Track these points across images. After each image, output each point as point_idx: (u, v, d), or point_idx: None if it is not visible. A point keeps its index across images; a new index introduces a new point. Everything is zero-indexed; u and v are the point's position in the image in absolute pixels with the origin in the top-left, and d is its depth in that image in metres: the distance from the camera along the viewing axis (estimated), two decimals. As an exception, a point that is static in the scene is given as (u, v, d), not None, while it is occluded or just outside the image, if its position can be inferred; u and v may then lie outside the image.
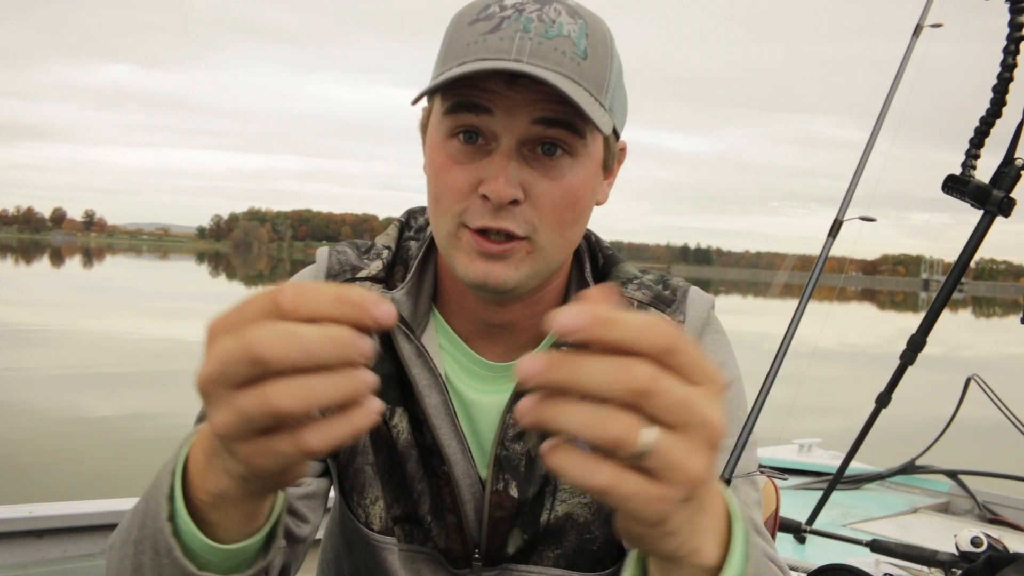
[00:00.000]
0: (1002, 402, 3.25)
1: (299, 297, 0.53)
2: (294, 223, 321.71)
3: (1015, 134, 2.47)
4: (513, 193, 0.93)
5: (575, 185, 0.97)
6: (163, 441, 7.74)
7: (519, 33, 0.92)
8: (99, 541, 2.23)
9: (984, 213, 2.49)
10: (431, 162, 1.00)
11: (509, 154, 0.94)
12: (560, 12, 0.95)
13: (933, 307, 2.72)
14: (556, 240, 0.98)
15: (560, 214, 0.97)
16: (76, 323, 17.28)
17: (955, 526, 3.21)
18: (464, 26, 0.96)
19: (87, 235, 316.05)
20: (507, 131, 0.94)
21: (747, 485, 1.09)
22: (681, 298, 1.13)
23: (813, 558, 2.60)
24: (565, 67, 0.91)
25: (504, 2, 0.96)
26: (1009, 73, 2.41)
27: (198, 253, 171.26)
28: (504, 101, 0.93)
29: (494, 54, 0.91)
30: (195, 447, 0.68)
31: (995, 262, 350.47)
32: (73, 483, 6.14)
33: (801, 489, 3.75)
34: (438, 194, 0.99)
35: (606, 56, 0.97)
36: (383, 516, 1.07)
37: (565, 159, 0.96)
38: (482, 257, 0.96)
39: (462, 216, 0.96)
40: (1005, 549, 2.03)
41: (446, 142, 0.97)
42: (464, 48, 0.94)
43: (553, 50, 0.92)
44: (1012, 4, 2.35)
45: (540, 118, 0.93)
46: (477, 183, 0.95)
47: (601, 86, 0.95)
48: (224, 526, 0.67)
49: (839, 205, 1.55)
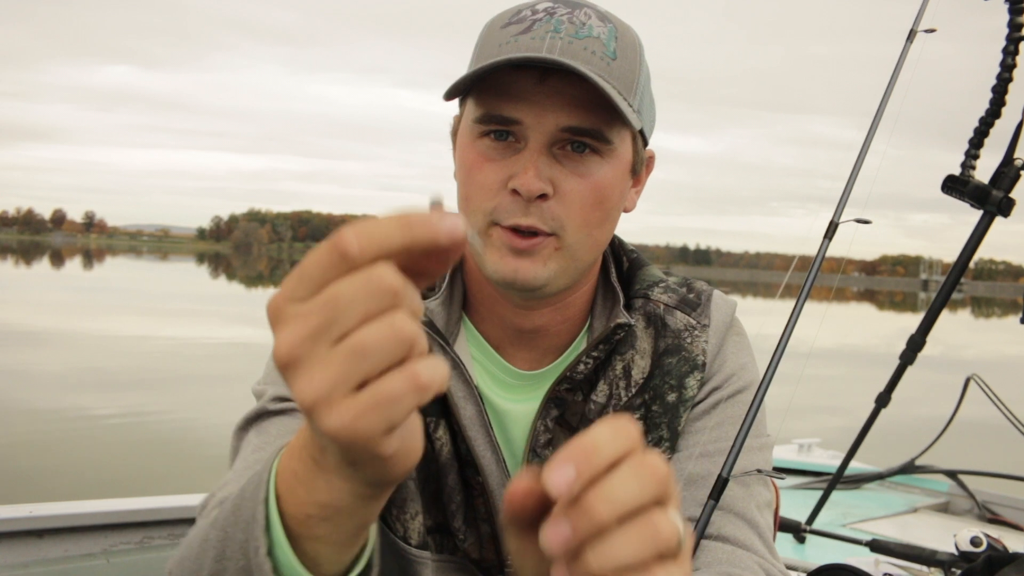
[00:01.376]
0: (1002, 402, 3.25)
1: (363, 239, 0.49)
2: (294, 224, 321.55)
3: (1014, 134, 2.48)
4: (542, 187, 0.94)
5: (603, 183, 0.98)
6: (163, 442, 7.76)
7: (550, 33, 0.94)
8: (100, 541, 2.23)
9: (983, 213, 2.49)
10: (462, 162, 1.01)
11: (539, 150, 0.95)
12: (590, 16, 0.97)
13: (932, 307, 2.73)
14: (583, 239, 0.99)
15: (588, 212, 0.98)
16: (76, 324, 17.28)
17: (955, 526, 3.21)
18: (496, 30, 0.98)
19: (87, 236, 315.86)
20: (536, 132, 0.95)
21: (760, 485, 1.10)
22: (706, 302, 1.15)
23: (813, 558, 2.60)
24: (595, 66, 0.93)
25: (536, 6, 0.98)
26: (1008, 73, 2.41)
27: (198, 254, 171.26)
28: (532, 107, 0.94)
29: (526, 51, 0.93)
30: (284, 467, 0.61)
31: (994, 262, 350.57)
32: (73, 483, 6.14)
33: (801, 489, 3.75)
34: (469, 192, 0.99)
35: (635, 60, 0.98)
36: (421, 531, 1.07)
37: (594, 158, 0.97)
38: (512, 253, 0.97)
39: (493, 214, 0.97)
40: (1005, 549, 2.03)
41: (476, 141, 0.98)
42: (496, 48, 0.96)
43: (583, 49, 0.93)
44: (1011, 4, 2.36)
45: (567, 127, 0.95)
46: (507, 179, 0.96)
47: (630, 87, 0.97)
48: (326, 553, 0.61)
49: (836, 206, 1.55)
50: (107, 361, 12.45)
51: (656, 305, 1.11)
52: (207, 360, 13.20)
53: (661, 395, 1.09)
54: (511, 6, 1.03)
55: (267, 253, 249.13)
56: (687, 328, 1.11)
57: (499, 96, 0.95)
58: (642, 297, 1.12)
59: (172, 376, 11.29)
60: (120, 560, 2.22)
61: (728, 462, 1.09)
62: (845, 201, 1.53)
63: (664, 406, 1.09)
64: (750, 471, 1.10)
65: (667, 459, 1.11)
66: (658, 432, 1.09)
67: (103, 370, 11.53)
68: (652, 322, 1.11)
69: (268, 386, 1.06)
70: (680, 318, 1.11)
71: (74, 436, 7.64)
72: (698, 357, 1.10)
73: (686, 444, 1.11)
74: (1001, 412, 3.24)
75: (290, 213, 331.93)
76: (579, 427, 1.08)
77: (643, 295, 1.12)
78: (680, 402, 1.09)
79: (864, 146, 1.55)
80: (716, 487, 1.08)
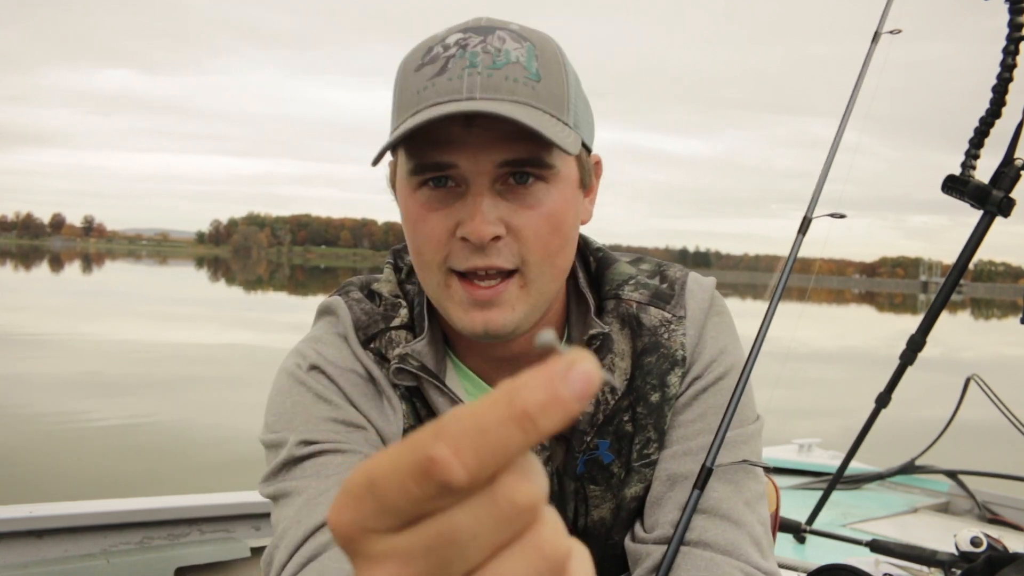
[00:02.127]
0: (1002, 402, 3.25)
1: (471, 461, 0.31)
2: (293, 228, 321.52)
3: (1015, 134, 2.48)
4: (493, 230, 0.92)
5: (554, 209, 0.95)
6: (162, 444, 7.75)
7: (467, 70, 0.90)
8: (99, 541, 2.23)
9: (984, 213, 2.49)
10: (406, 215, 0.98)
11: (481, 192, 0.92)
12: (504, 39, 0.93)
13: (933, 308, 2.73)
14: (546, 270, 0.97)
15: (546, 242, 0.95)
16: (75, 328, 17.27)
17: (955, 526, 3.20)
18: (411, 73, 0.94)
19: (86, 240, 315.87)
20: (475, 174, 0.92)
21: (748, 478, 1.08)
22: (680, 291, 1.12)
23: (813, 558, 2.60)
24: (520, 94, 0.90)
25: (446, 41, 0.94)
26: (1008, 73, 2.42)
27: (197, 258, 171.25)
28: (466, 148, 0.91)
29: (446, 96, 0.90)
30: None
31: (993, 263, 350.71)
32: (73, 484, 6.13)
33: (801, 489, 3.74)
34: (419, 246, 0.97)
35: (560, 73, 0.95)
36: None
37: (539, 185, 0.94)
38: (476, 306, 0.95)
39: (447, 262, 0.95)
40: (1005, 549, 2.03)
41: (416, 192, 0.95)
42: (415, 96, 0.92)
43: (504, 79, 0.90)
44: (1011, 4, 2.36)
45: (504, 161, 0.92)
46: (455, 226, 0.94)
47: (561, 105, 0.94)
48: None
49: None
50: (106, 364, 12.44)
51: (628, 305, 1.09)
52: (206, 363, 13.19)
53: (644, 396, 1.07)
54: (422, 41, 0.98)
55: (266, 257, 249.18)
56: (663, 323, 1.08)
57: (428, 144, 0.92)
58: (613, 298, 1.09)
59: (171, 379, 11.28)
60: (120, 560, 2.22)
61: (712, 450, 1.06)
62: (817, 197, 1.53)
63: (648, 407, 1.07)
64: (736, 462, 1.08)
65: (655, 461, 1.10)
66: (645, 434, 1.08)
67: (102, 373, 11.52)
68: (627, 323, 1.09)
69: (283, 432, 1.03)
70: (654, 314, 1.09)
71: (73, 438, 7.64)
72: (677, 352, 1.08)
73: (669, 440, 1.09)
74: (1001, 412, 3.24)
75: (289, 217, 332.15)
76: (572, 437, 1.07)
77: (614, 296, 1.10)
78: (664, 401, 1.08)
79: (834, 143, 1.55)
80: (700, 476, 1.05)
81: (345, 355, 1.06)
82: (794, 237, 1.51)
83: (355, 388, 1.05)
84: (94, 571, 2.17)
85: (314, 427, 1.02)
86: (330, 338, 1.08)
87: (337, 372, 1.05)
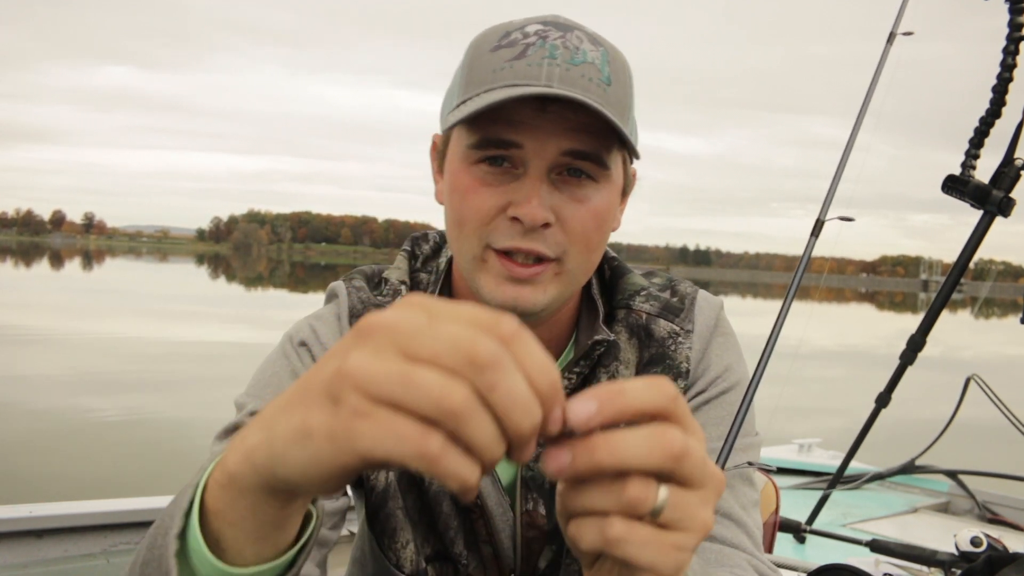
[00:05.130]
0: (1002, 402, 3.25)
1: (523, 338, 0.50)
2: (293, 225, 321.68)
3: (1015, 134, 2.48)
4: (546, 216, 0.94)
5: (600, 208, 0.98)
6: (163, 442, 7.73)
7: (546, 59, 0.92)
8: (99, 541, 2.24)
9: (984, 213, 2.49)
10: (454, 186, 0.99)
11: (540, 177, 0.94)
12: (582, 39, 0.95)
13: (933, 307, 2.73)
14: (583, 263, 0.99)
15: (588, 237, 0.97)
16: (75, 325, 17.28)
17: (955, 526, 3.21)
18: (486, 52, 0.95)
19: (86, 237, 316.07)
20: (537, 158, 0.94)
21: (745, 485, 1.09)
22: (689, 306, 1.13)
23: (813, 558, 2.60)
24: (593, 93, 0.91)
25: (525, 29, 0.96)
26: (1009, 73, 2.42)
27: (197, 255, 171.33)
28: (535, 132, 0.93)
29: (524, 80, 0.91)
30: (231, 442, 0.60)
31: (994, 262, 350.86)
32: (73, 484, 6.14)
33: (801, 489, 3.75)
34: (462, 216, 0.97)
35: (627, 83, 0.98)
36: (414, 559, 1.07)
37: (591, 184, 0.97)
38: (510, 281, 0.96)
39: (488, 238, 0.96)
40: (1005, 549, 2.03)
41: (472, 167, 0.96)
42: (490, 74, 0.93)
43: (581, 76, 0.92)
44: (1012, 4, 2.36)
45: (569, 150, 0.94)
46: (505, 205, 0.95)
47: (624, 113, 0.96)
48: (228, 523, 0.59)
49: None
50: (106, 362, 12.45)
51: (638, 315, 1.11)
52: (206, 361, 13.20)
53: None
54: (496, 25, 1.00)
55: (266, 254, 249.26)
56: (671, 335, 1.10)
57: (498, 121, 0.93)
58: (624, 308, 1.11)
59: (171, 377, 11.29)
60: (120, 560, 2.22)
61: (722, 455, 1.08)
62: (830, 200, 1.54)
63: None
64: (740, 464, 1.09)
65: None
66: None
67: (102, 371, 11.53)
68: (635, 333, 1.10)
69: (249, 400, 1.05)
70: (663, 326, 1.11)
71: (73, 437, 7.64)
72: (681, 364, 1.09)
73: None
74: (1001, 412, 3.24)
75: (289, 214, 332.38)
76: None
77: (625, 305, 1.11)
78: None
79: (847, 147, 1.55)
80: None
81: (335, 337, 1.08)
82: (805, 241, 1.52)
83: None
84: (94, 571, 2.18)
85: None
86: (329, 318, 1.10)
87: (322, 352, 1.06)
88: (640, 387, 0.53)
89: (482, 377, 0.47)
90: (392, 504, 1.07)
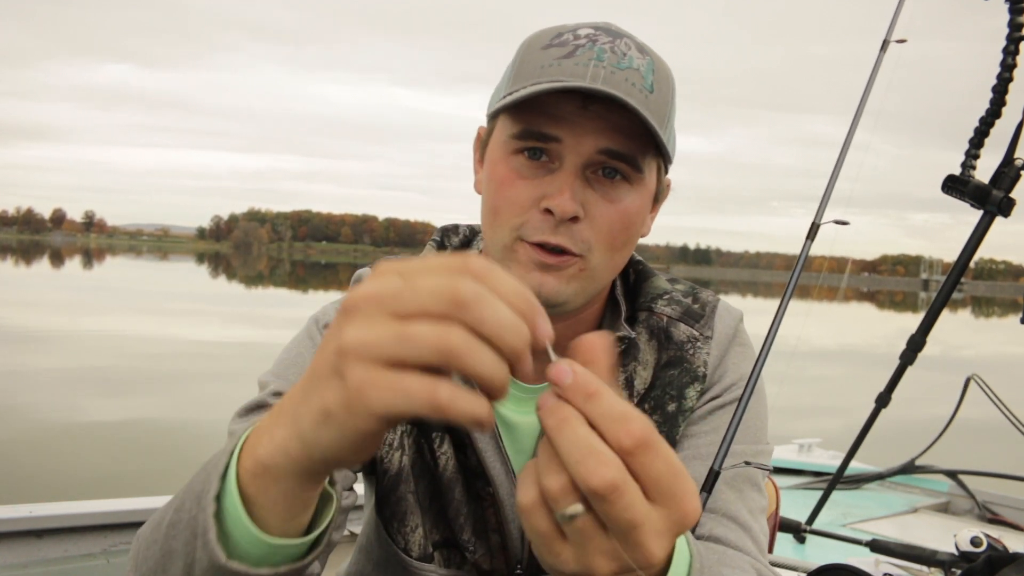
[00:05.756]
0: (1002, 402, 3.25)
1: (493, 271, 0.55)
2: (294, 223, 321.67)
3: (1015, 134, 2.48)
4: (576, 209, 0.96)
5: (630, 210, 1.00)
6: (163, 441, 7.73)
7: (593, 61, 0.95)
8: (99, 541, 2.24)
9: (984, 213, 2.49)
10: (492, 176, 1.02)
11: (575, 172, 0.97)
12: (630, 47, 0.98)
13: (933, 307, 2.73)
14: (606, 261, 1.01)
15: (614, 236, 1.00)
16: (76, 324, 17.29)
17: (955, 526, 3.21)
18: (537, 50, 0.99)
19: (87, 236, 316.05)
20: (574, 154, 0.96)
21: (754, 490, 1.11)
22: (710, 313, 1.16)
23: (813, 558, 2.60)
24: (635, 98, 0.94)
25: (577, 31, 0.99)
26: (1009, 73, 2.41)
27: (198, 254, 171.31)
28: (573, 127, 0.95)
29: (569, 76, 0.94)
30: (255, 428, 0.65)
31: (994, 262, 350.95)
32: (73, 483, 6.14)
33: (801, 489, 3.75)
34: (497, 206, 1.00)
35: (669, 93, 1.00)
36: (422, 543, 1.09)
37: (624, 185, 0.99)
38: (539, 268, 0.98)
39: (520, 230, 0.99)
40: (1005, 549, 2.03)
41: (510, 157, 0.99)
42: (538, 70, 0.97)
43: (624, 80, 0.94)
44: (1012, 4, 2.36)
45: (605, 149, 0.96)
46: (539, 198, 0.97)
47: (663, 121, 0.98)
48: (260, 505, 0.64)
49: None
50: (106, 360, 12.45)
51: (660, 318, 1.13)
52: (207, 360, 13.21)
53: (662, 405, 1.10)
54: (549, 27, 1.04)
55: (267, 252, 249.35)
56: (690, 340, 1.13)
57: (540, 114, 0.96)
58: (646, 310, 1.14)
59: (172, 376, 11.30)
60: (120, 560, 2.23)
61: (720, 453, 1.10)
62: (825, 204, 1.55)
63: (664, 415, 1.10)
64: (737, 464, 1.11)
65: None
66: None
67: (103, 370, 11.54)
68: (655, 335, 1.13)
69: (273, 379, 1.08)
70: (683, 330, 1.13)
71: (73, 436, 7.65)
72: (699, 368, 1.12)
73: (681, 449, 1.12)
74: (1001, 412, 3.24)
75: (290, 212, 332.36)
76: None
77: (647, 308, 1.14)
78: (679, 412, 1.11)
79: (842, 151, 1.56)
80: (708, 480, 1.08)
81: None
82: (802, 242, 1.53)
83: None
84: (94, 571, 2.18)
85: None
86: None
87: None
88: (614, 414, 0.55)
89: (470, 314, 0.52)
90: (404, 488, 1.09)
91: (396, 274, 0.55)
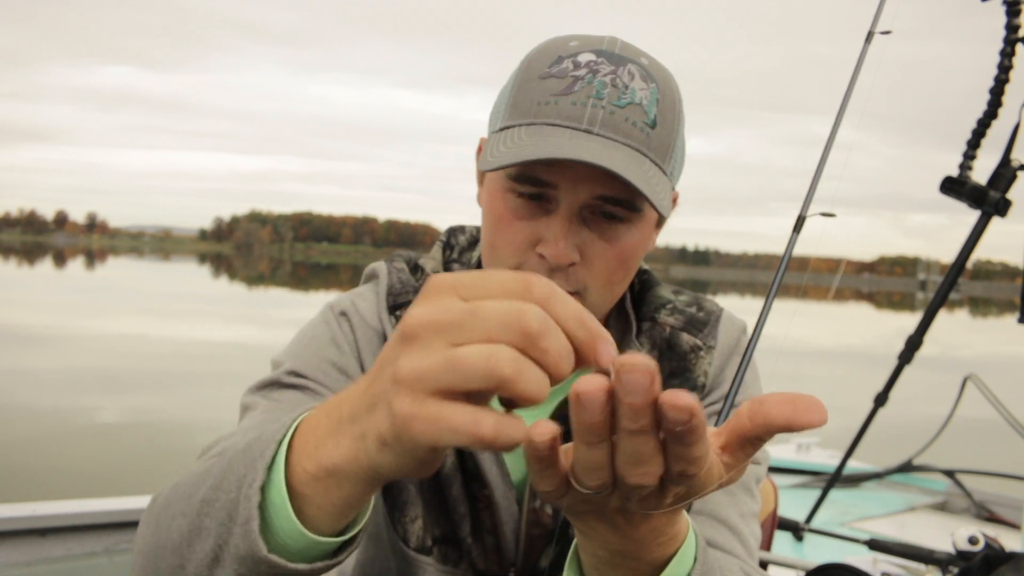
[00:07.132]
0: (999, 402, 3.26)
1: (556, 291, 0.53)
2: (295, 224, 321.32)
3: (1011, 135, 2.49)
4: (571, 257, 0.96)
5: (628, 247, 0.99)
6: (165, 441, 7.74)
7: (591, 99, 0.92)
8: (102, 540, 2.25)
9: (981, 214, 2.50)
10: (490, 208, 1.01)
11: (570, 217, 0.96)
12: (634, 76, 0.95)
13: (930, 307, 2.74)
14: (605, 296, 1.01)
15: (611, 274, 0.99)
16: (78, 324, 17.29)
17: (952, 524, 3.22)
18: (534, 79, 0.97)
19: (89, 237, 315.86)
20: (570, 198, 0.95)
21: (745, 495, 1.10)
22: (714, 323, 1.15)
23: (811, 557, 2.61)
24: (634, 138, 0.93)
25: (578, 58, 0.96)
26: (1005, 75, 2.43)
27: (199, 255, 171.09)
28: (570, 174, 0.94)
29: (565, 120, 0.92)
30: (309, 420, 0.64)
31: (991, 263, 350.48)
32: (76, 482, 6.14)
33: (799, 488, 3.76)
34: (495, 243, 1.01)
35: (674, 120, 0.98)
36: (420, 535, 1.09)
37: (621, 224, 0.98)
38: None
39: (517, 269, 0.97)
40: (1002, 548, 2.03)
41: (507, 195, 0.98)
42: (535, 107, 0.95)
43: (624, 120, 0.93)
44: (1008, 6, 2.37)
45: (600, 196, 0.95)
46: (535, 240, 0.97)
47: (666, 153, 0.97)
48: (316, 506, 0.62)
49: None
50: (109, 361, 12.45)
51: (663, 328, 1.13)
52: (209, 360, 13.21)
53: None
54: (551, 41, 1.00)
55: (268, 253, 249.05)
56: (693, 349, 1.12)
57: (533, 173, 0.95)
58: (649, 320, 1.14)
59: (174, 376, 11.30)
60: (123, 559, 2.24)
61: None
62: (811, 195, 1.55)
63: None
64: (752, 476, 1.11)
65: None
66: None
67: (105, 370, 11.54)
68: (657, 345, 1.12)
69: (287, 359, 1.09)
70: (686, 339, 1.13)
71: (76, 435, 7.66)
72: (699, 379, 1.11)
73: None
74: (998, 412, 3.25)
75: (291, 214, 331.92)
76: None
77: (650, 318, 1.14)
78: None
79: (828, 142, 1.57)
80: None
81: (374, 313, 1.11)
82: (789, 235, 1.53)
83: (369, 344, 1.10)
84: (97, 569, 2.19)
85: (313, 365, 1.07)
86: (369, 295, 1.14)
87: (360, 324, 1.10)
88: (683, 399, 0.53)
89: (536, 347, 0.51)
90: (406, 478, 1.09)
91: (454, 294, 0.53)
